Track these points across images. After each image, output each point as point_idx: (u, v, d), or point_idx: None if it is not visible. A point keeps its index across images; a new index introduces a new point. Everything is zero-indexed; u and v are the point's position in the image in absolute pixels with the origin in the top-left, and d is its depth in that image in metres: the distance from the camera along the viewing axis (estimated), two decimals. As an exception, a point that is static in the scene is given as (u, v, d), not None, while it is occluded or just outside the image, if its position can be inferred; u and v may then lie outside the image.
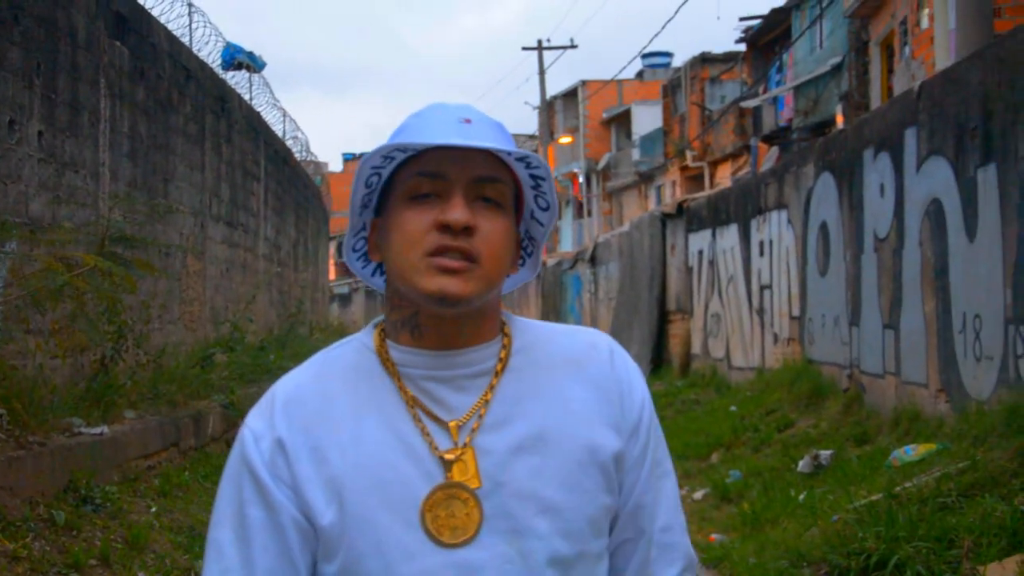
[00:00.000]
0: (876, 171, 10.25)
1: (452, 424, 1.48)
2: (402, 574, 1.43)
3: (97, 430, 6.83)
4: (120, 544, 5.86)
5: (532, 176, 1.53)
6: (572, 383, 1.54)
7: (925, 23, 17.65)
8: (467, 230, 1.43)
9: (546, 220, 1.59)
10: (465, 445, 1.46)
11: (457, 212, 1.42)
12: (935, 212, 8.80)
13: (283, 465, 1.47)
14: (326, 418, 1.49)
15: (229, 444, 9.90)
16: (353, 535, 1.44)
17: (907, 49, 19.20)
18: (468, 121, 1.47)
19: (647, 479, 1.57)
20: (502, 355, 1.53)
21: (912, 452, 7.67)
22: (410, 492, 1.45)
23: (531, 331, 1.59)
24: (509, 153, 1.46)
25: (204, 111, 12.51)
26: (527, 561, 1.45)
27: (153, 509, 6.79)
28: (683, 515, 1.64)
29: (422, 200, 1.45)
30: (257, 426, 1.51)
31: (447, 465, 1.45)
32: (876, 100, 21.11)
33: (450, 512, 1.44)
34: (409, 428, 1.47)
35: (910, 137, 9.36)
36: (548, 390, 1.53)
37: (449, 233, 1.43)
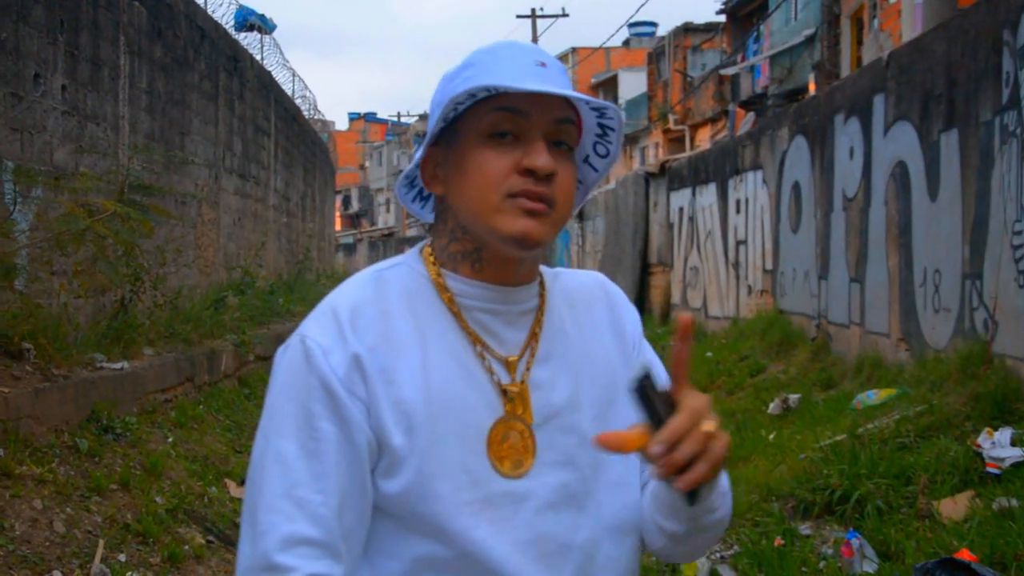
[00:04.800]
0: (846, 135, 10.20)
1: (511, 359, 1.43)
2: (467, 498, 1.35)
3: (118, 365, 6.82)
4: (139, 470, 5.88)
5: (601, 124, 1.48)
6: (590, 319, 1.54)
7: (894, -3, 17.49)
8: (548, 176, 1.37)
9: (602, 167, 1.54)
10: (522, 381, 1.42)
11: (543, 158, 1.36)
12: (900, 174, 8.77)
13: (359, 381, 1.34)
14: (390, 339, 1.38)
15: (241, 380, 9.99)
16: (423, 458, 1.34)
17: (876, 22, 19.06)
18: (543, 65, 1.39)
19: None
20: (542, 293, 1.50)
21: (874, 396, 7.70)
22: (476, 421, 1.38)
23: (553, 273, 1.58)
24: (587, 102, 1.41)
25: (218, 69, 12.37)
26: (570, 489, 1.42)
27: (170, 439, 6.81)
28: None
29: (500, 139, 1.37)
30: (324, 340, 1.36)
31: (508, 397, 1.40)
32: (846, 69, 20.97)
33: (509, 444, 1.39)
34: (471, 359, 1.41)
35: (878, 103, 9.31)
36: (575, 326, 1.52)
37: (532, 178, 1.36)
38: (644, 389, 1.29)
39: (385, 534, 1.38)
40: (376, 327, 1.38)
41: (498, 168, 1.36)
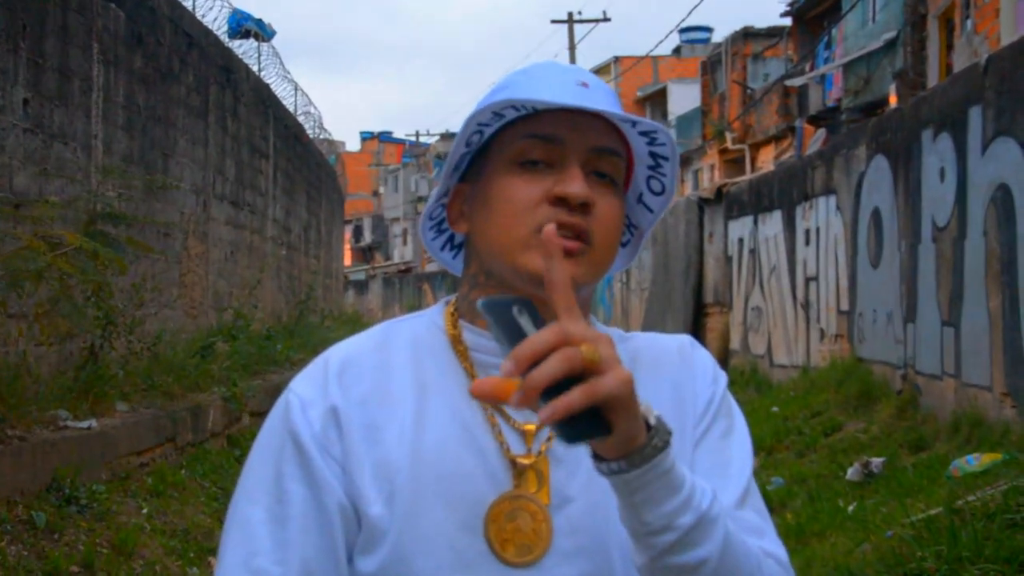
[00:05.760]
0: (935, 153, 10.04)
1: (528, 427, 1.38)
2: None
3: (85, 424, 6.74)
4: (106, 549, 5.78)
5: (652, 154, 1.45)
6: (652, 386, 1.42)
7: (989, -5, 17.35)
8: (584, 206, 1.33)
9: (657, 206, 1.52)
10: (540, 453, 1.37)
11: (576, 184, 1.33)
12: (1002, 198, 8.58)
13: (335, 439, 1.34)
14: (384, 393, 1.37)
15: (231, 440, 9.92)
16: (402, 530, 1.31)
17: (969, 22, 18.91)
18: (585, 85, 1.38)
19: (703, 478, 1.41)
20: None
21: (975, 462, 7.49)
22: (473, 492, 1.33)
23: (621, 335, 1.51)
24: (634, 123, 1.37)
25: (208, 82, 12.40)
26: None
27: (144, 510, 6.71)
28: (755, 517, 1.41)
29: (531, 168, 1.36)
30: (305, 392, 1.38)
31: (519, 471, 1.35)
32: (934, 78, 20.80)
33: (516, 526, 1.33)
34: (477, 421, 1.37)
35: (975, 116, 9.13)
36: None
37: (564, 207, 1.33)
38: (504, 309, 1.13)
39: None
40: (368, 380, 1.38)
41: (526, 197, 1.34)
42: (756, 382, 15.77)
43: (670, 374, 1.47)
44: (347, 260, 54.16)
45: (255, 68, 16.38)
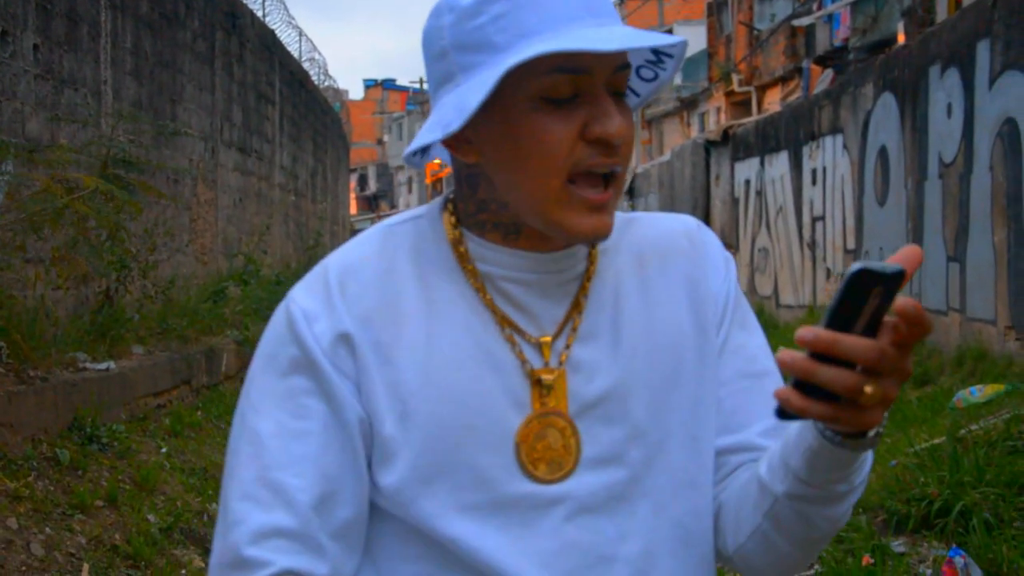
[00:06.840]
0: (943, 89, 10.05)
1: (544, 340, 1.33)
2: (469, 501, 1.29)
3: (103, 365, 6.84)
4: (128, 485, 5.90)
5: (655, 51, 1.37)
6: (663, 278, 1.41)
7: (997, -70, 17.23)
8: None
9: (644, 91, 1.42)
10: (560, 364, 1.33)
11: (615, 121, 1.24)
12: (1009, 133, 8.62)
13: (346, 355, 1.29)
14: (390, 307, 1.32)
15: (244, 382, 9.97)
16: (418, 451, 1.29)
17: (976, -40, 18.78)
18: None
19: (735, 379, 1.43)
20: (592, 253, 1.39)
21: (978, 393, 7.60)
22: (494, 411, 1.30)
23: (626, 219, 1.46)
24: (671, 46, 1.28)
25: (214, 27, 12.41)
26: (615, 491, 1.34)
27: (163, 449, 6.84)
28: None
29: (560, 103, 1.24)
30: (310, 304, 1.31)
31: (543, 387, 1.31)
32: (943, 15, 20.66)
33: (546, 444, 1.31)
34: (492, 338, 1.32)
35: (983, 50, 9.14)
36: (640, 289, 1.40)
37: (602, 147, 1.25)
38: (868, 281, 1.04)
39: (386, 539, 1.35)
40: (372, 293, 1.32)
41: (558, 137, 1.24)
42: (763, 322, 15.67)
43: (683, 269, 1.42)
44: (353, 208, 54.09)
45: (260, 14, 16.35)
